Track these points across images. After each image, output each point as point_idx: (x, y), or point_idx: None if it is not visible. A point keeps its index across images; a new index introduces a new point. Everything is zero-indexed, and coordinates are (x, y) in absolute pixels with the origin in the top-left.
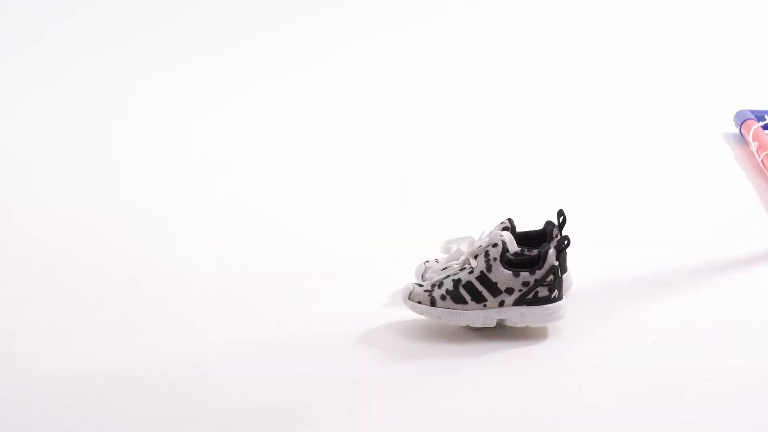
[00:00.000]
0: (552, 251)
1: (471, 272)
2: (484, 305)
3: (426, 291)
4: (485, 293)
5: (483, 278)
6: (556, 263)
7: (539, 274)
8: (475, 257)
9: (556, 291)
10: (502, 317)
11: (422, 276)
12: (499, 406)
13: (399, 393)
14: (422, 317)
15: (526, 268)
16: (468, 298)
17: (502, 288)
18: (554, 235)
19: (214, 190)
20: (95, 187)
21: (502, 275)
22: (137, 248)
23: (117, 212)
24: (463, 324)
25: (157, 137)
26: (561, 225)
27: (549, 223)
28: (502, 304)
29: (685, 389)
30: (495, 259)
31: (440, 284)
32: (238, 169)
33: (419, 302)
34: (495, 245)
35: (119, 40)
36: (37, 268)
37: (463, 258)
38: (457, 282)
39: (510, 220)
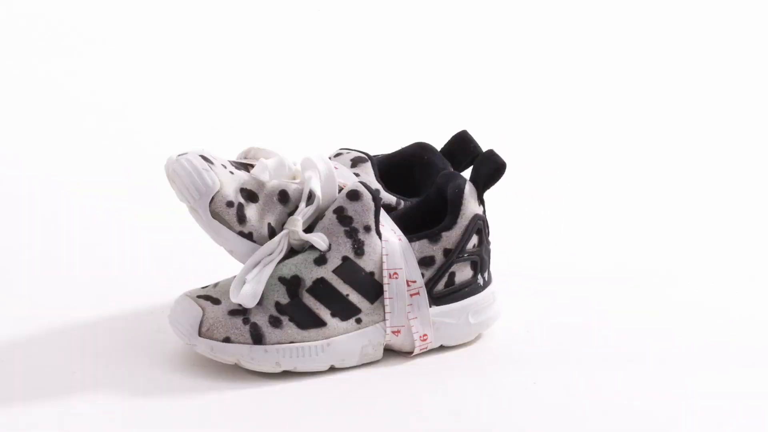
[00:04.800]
0: (468, 188)
1: (322, 261)
2: (358, 320)
3: (236, 314)
4: (356, 297)
5: (348, 269)
6: (480, 211)
7: (452, 237)
8: (322, 218)
9: (481, 271)
10: (393, 339)
11: None
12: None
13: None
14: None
15: (423, 231)
16: (326, 314)
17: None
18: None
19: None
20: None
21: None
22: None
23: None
24: (320, 369)
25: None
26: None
27: (460, 142)
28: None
29: None
30: (368, 228)
31: (260, 296)
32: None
33: (226, 340)
34: (356, 196)
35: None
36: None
37: (294, 224)
38: (295, 285)
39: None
